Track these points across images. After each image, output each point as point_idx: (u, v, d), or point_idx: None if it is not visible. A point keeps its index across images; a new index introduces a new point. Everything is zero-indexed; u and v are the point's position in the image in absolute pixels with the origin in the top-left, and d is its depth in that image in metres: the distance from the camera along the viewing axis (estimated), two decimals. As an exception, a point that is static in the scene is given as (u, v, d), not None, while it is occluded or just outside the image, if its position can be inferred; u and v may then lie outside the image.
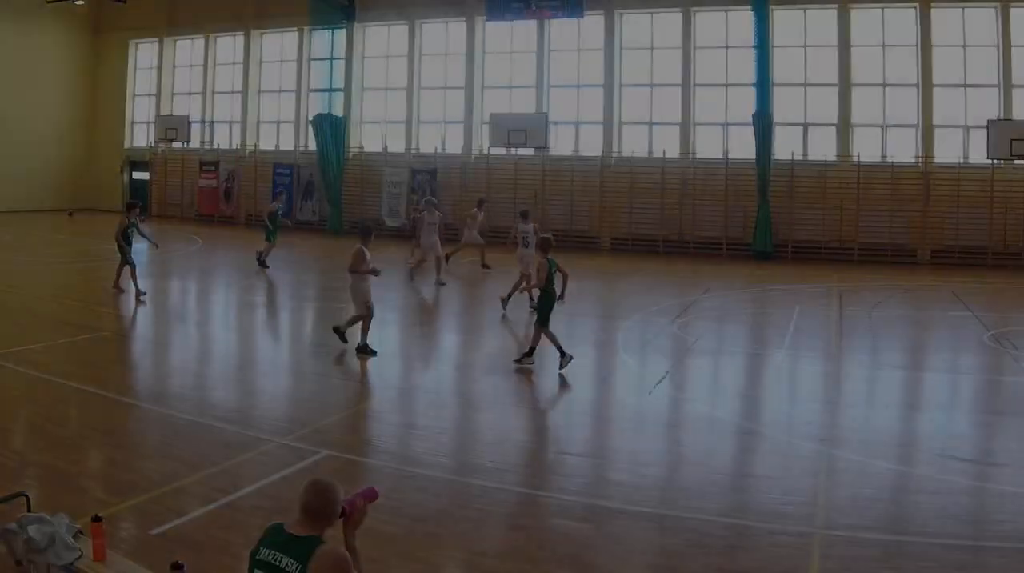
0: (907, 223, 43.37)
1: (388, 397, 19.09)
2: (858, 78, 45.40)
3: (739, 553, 11.39)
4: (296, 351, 24.06)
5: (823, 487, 13.60)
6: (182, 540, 11.14)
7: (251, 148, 59.02)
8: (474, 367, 22.19)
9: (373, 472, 14.02)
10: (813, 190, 45.04)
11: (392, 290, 31.31)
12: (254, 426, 16.06)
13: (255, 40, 59.39)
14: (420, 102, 54.60)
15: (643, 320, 27.68)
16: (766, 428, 16.86)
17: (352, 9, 54.70)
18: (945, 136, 44.42)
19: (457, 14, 52.58)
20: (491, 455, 15.08)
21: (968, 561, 11.12)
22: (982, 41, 43.71)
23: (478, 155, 51.89)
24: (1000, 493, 13.57)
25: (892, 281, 35.87)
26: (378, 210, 53.15)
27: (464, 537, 11.74)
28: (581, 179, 49.05)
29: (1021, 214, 41.72)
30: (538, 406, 18.89)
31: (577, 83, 50.78)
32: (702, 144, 48.06)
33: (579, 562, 11.07)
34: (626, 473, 14.36)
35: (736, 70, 47.20)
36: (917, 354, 24.82)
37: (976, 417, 18.10)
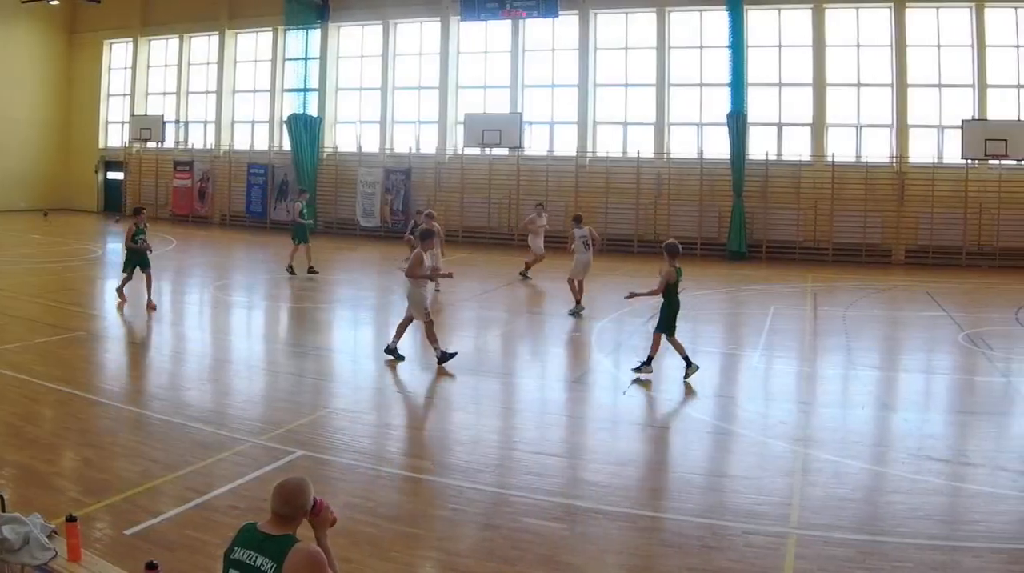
0: (881, 223, 43.56)
1: (362, 397, 19.05)
2: (832, 78, 45.67)
3: (714, 553, 11.37)
4: (271, 351, 23.99)
5: (798, 487, 13.61)
6: (156, 540, 11.11)
7: (225, 148, 59.14)
8: (449, 366, 22.15)
9: (347, 472, 13.98)
10: (787, 190, 45.27)
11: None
12: (228, 426, 16.01)
13: (229, 40, 59.44)
14: (394, 102, 54.71)
15: (617, 320, 27.70)
16: (741, 428, 16.86)
17: (326, 9, 54.84)
18: (919, 136, 44.63)
19: (431, 14, 52.72)
20: (465, 455, 15.05)
21: (942, 561, 11.11)
22: (956, 41, 43.95)
23: (452, 155, 52.01)
24: (974, 493, 13.58)
25: (866, 281, 35.96)
26: (353, 210, 53.10)
27: (438, 537, 11.72)
28: (555, 179, 49.21)
29: (995, 214, 41.92)
30: (512, 406, 18.85)
31: (551, 83, 51.01)
32: (677, 144, 48.36)
33: (553, 562, 11.05)
34: (600, 473, 14.33)
35: (710, 70, 47.44)
36: (891, 354, 24.85)
37: (950, 417, 18.14)
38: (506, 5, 49.49)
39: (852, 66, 45.66)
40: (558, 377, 21.51)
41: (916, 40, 44.50)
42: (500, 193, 49.89)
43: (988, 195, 42.40)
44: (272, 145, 57.79)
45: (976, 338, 24.98)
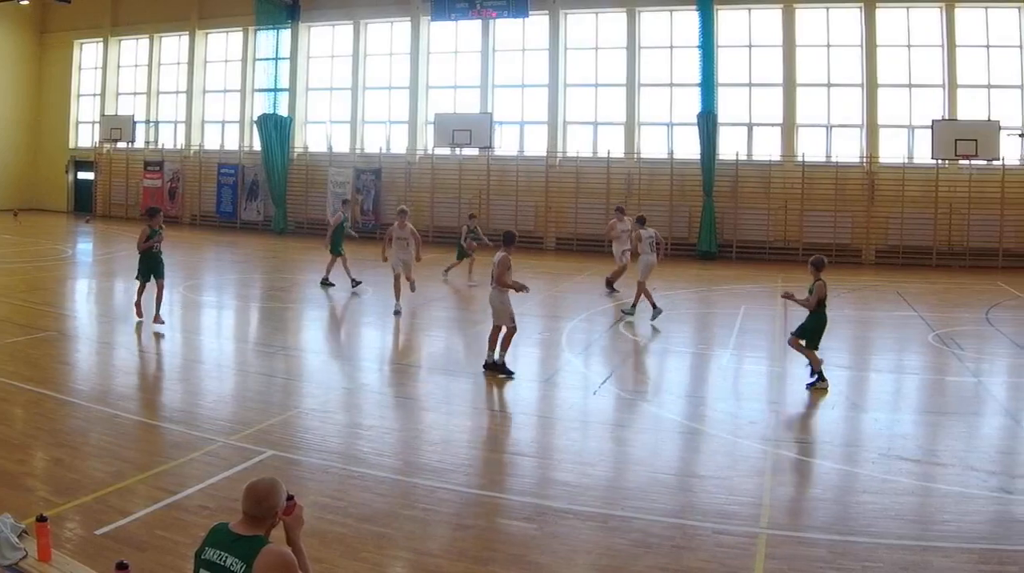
0: (851, 223, 43.76)
1: (332, 397, 19.02)
2: (803, 78, 45.94)
3: (684, 553, 11.38)
4: (241, 351, 23.94)
5: (768, 487, 13.62)
6: (127, 540, 11.08)
7: (195, 148, 59.11)
8: (421, 367, 22.16)
9: (318, 472, 13.95)
10: (758, 190, 45.48)
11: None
12: (199, 426, 15.98)
13: (200, 40, 59.42)
14: (365, 102, 54.81)
15: (588, 320, 27.74)
16: (711, 428, 16.85)
17: (297, 9, 54.84)
18: (889, 136, 44.84)
19: (402, 14, 52.78)
20: (436, 455, 15.05)
21: (913, 561, 11.13)
22: (926, 41, 44.19)
23: (423, 155, 52.14)
24: (945, 493, 13.60)
25: (837, 281, 35.88)
26: (323, 210, 53.04)
27: (410, 537, 11.70)
28: (526, 179, 49.36)
29: (965, 214, 42.18)
30: (483, 406, 18.83)
31: (522, 83, 51.16)
32: (647, 144, 48.52)
33: (524, 562, 11.06)
34: (571, 473, 14.33)
35: (681, 70, 47.70)
36: (862, 354, 24.90)
37: (921, 417, 18.19)
38: (476, 5, 49.59)
39: (822, 66, 45.88)
40: (529, 377, 21.45)
41: (886, 40, 44.75)
42: (470, 193, 49.92)
43: (958, 195, 42.60)
44: (242, 145, 57.78)
45: (946, 338, 25.06)
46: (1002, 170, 42.34)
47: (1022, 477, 14.47)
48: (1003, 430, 17.34)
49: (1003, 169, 42.34)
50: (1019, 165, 43.08)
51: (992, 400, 19.05)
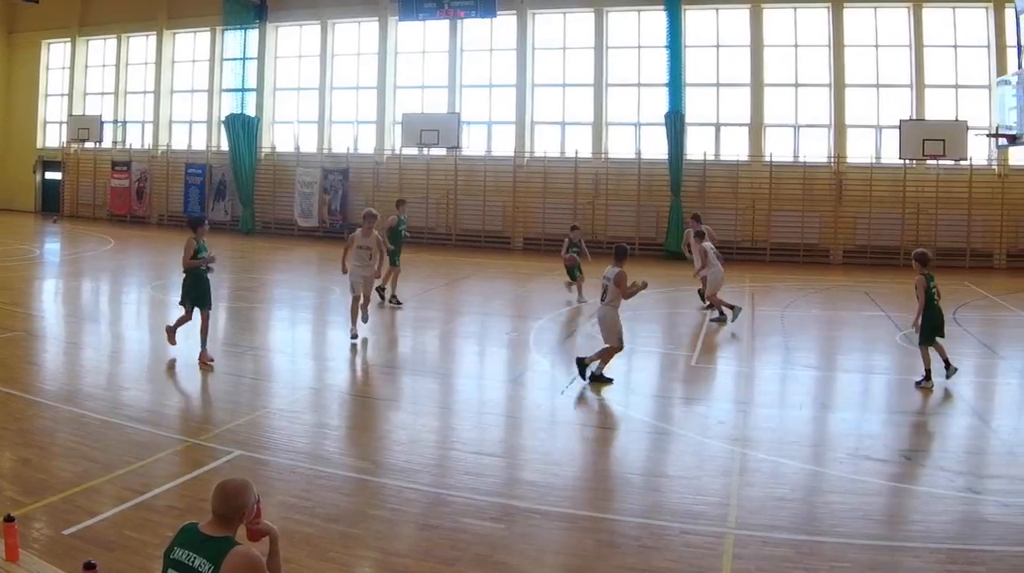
0: (819, 223, 43.87)
1: (300, 397, 19.00)
2: (770, 78, 46.02)
3: (652, 553, 11.40)
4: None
5: (736, 487, 13.64)
6: (95, 540, 11.06)
7: (163, 148, 58.92)
8: (389, 368, 22.16)
9: (285, 472, 13.95)
10: (725, 190, 45.56)
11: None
12: (167, 426, 16.00)
13: (167, 40, 59.20)
14: (332, 102, 54.80)
15: (555, 319, 27.76)
16: (679, 428, 16.91)
17: (264, 9, 54.70)
18: (857, 136, 44.97)
19: (369, 14, 52.74)
20: (404, 455, 15.04)
21: (881, 561, 11.18)
22: (894, 41, 44.33)
23: (390, 155, 52.10)
24: (912, 493, 13.67)
25: (804, 281, 36.09)
26: (291, 210, 53.12)
27: (377, 537, 11.72)
28: (493, 179, 49.40)
29: (933, 214, 42.29)
30: (451, 406, 18.80)
31: (489, 83, 51.19)
32: (614, 144, 48.56)
33: (491, 562, 11.07)
34: (539, 473, 14.35)
35: (648, 70, 47.66)
36: (830, 354, 24.96)
37: (888, 417, 18.20)
38: (444, 5, 49.55)
39: (790, 66, 46.01)
40: (496, 377, 21.54)
41: (854, 40, 44.89)
42: (438, 193, 49.92)
43: (926, 195, 42.74)
44: (210, 145, 57.67)
45: (914, 338, 25.07)
46: (970, 170, 42.47)
47: (990, 477, 14.52)
48: (970, 430, 17.43)
49: (971, 169, 42.47)
50: (987, 165, 43.19)
51: (960, 400, 19.09)
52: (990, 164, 43.24)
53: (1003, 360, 23.03)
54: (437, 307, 30.64)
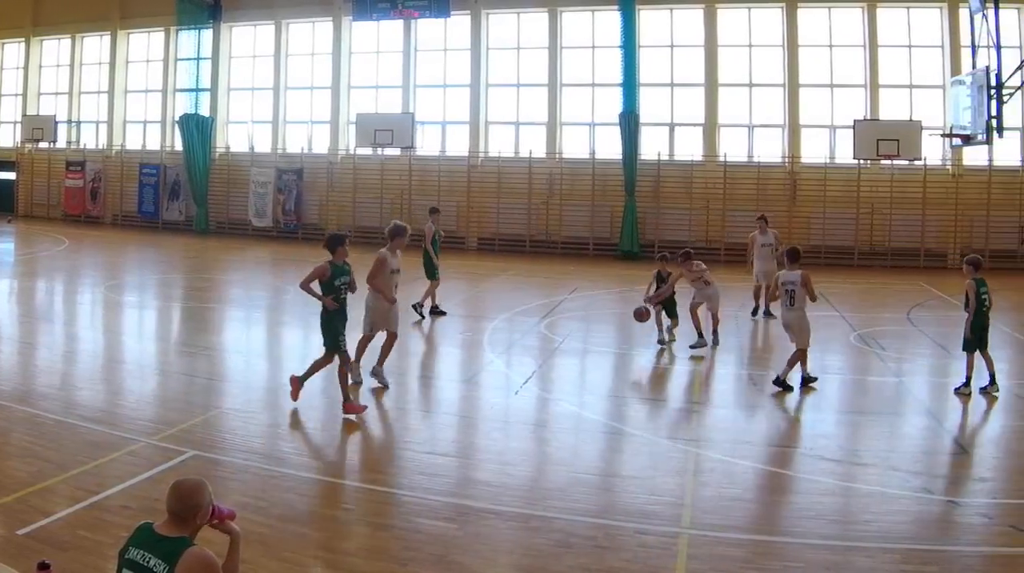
0: (774, 223, 43.86)
1: (254, 397, 18.98)
2: (725, 78, 46.15)
3: (606, 553, 11.41)
4: (163, 351, 23.80)
5: (690, 487, 13.66)
6: (49, 540, 11.01)
7: (117, 148, 58.66)
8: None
9: (240, 472, 13.93)
10: (679, 190, 45.71)
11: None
12: (121, 426, 15.89)
13: (121, 40, 58.97)
14: (286, 102, 54.71)
15: (510, 319, 27.77)
16: (633, 428, 16.89)
17: (218, 9, 54.58)
18: (811, 136, 45.20)
19: (323, 14, 52.66)
20: (358, 455, 15.06)
21: (835, 561, 11.20)
22: (849, 41, 44.58)
23: (344, 155, 52.02)
24: (866, 493, 13.68)
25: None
26: (245, 210, 53.17)
27: (331, 537, 11.72)
28: (448, 179, 49.40)
29: (887, 214, 42.53)
30: (404, 406, 18.78)
31: (444, 83, 51.19)
32: (569, 144, 48.62)
33: (445, 562, 11.07)
34: (493, 473, 14.36)
35: (603, 70, 47.81)
36: (784, 354, 24.95)
37: (842, 417, 18.35)
38: (398, 5, 49.53)
39: (744, 66, 46.22)
40: (450, 377, 21.55)
41: (808, 40, 45.10)
42: (392, 193, 49.83)
43: (880, 195, 42.97)
44: (164, 145, 57.37)
45: (868, 338, 25.23)
46: (924, 170, 42.69)
47: (944, 477, 14.65)
48: (925, 430, 17.48)
49: (925, 169, 42.69)
50: (941, 165, 43.46)
51: (914, 400, 19.18)
52: (944, 164, 43.52)
53: (957, 360, 23.08)
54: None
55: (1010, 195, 42.55)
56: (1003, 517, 12.61)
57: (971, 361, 19.42)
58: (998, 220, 42.30)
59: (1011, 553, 11.48)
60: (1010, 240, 41.81)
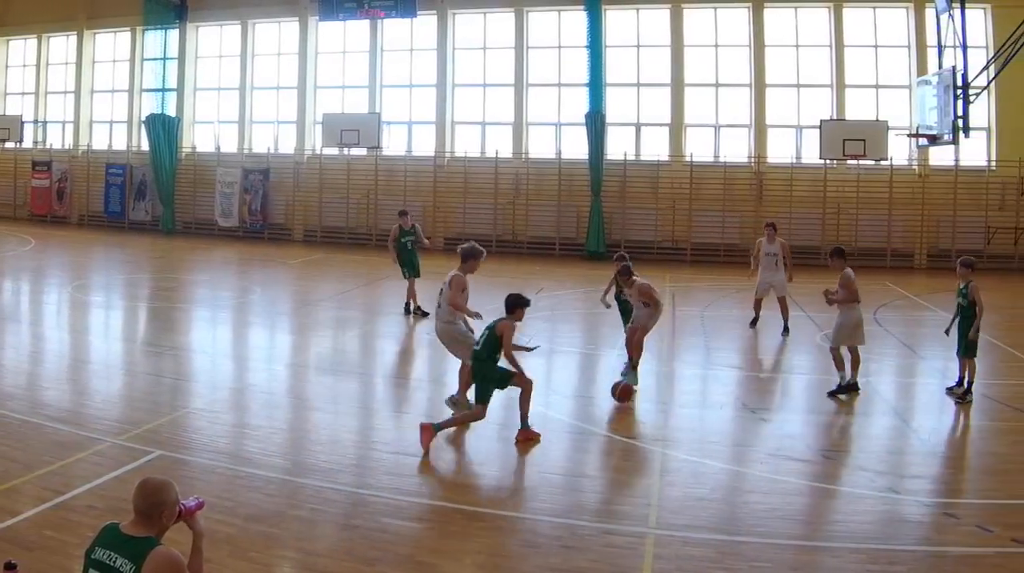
0: (739, 223, 43.99)
1: (220, 397, 18.97)
2: (691, 78, 46.15)
3: (573, 553, 11.45)
4: (129, 351, 23.80)
5: (656, 487, 13.72)
6: (15, 540, 11.02)
7: (84, 148, 58.35)
8: (309, 367, 22.14)
9: (206, 472, 13.93)
10: (646, 190, 45.73)
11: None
12: (87, 426, 15.86)
13: (88, 40, 58.66)
14: (253, 102, 54.56)
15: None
16: (599, 428, 16.95)
17: (184, 9, 54.32)
18: (778, 136, 45.28)
19: (290, 14, 52.48)
20: (324, 455, 15.05)
21: (802, 561, 11.32)
22: (815, 41, 44.68)
23: (311, 155, 51.85)
24: (833, 493, 13.82)
25: (725, 281, 36.21)
26: (212, 210, 53.05)
27: (297, 537, 11.72)
28: (414, 179, 49.28)
29: (853, 214, 42.62)
30: (371, 407, 18.81)
31: (410, 83, 51.06)
32: (535, 144, 48.59)
33: (412, 562, 11.12)
34: (460, 473, 14.57)
35: (569, 70, 47.71)
36: (750, 354, 25.06)
37: (809, 417, 18.37)
38: (364, 5, 49.41)
39: (710, 66, 46.21)
40: (417, 377, 21.61)
41: (774, 40, 45.20)
42: (358, 193, 49.74)
43: (846, 195, 43.13)
44: (130, 145, 57.15)
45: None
46: (890, 170, 42.80)
47: (910, 477, 14.67)
48: (891, 430, 17.58)
49: (891, 169, 42.81)
50: (907, 165, 43.55)
51: (880, 400, 19.20)
52: (910, 164, 43.61)
53: (923, 360, 23.19)
54: (357, 307, 30.64)
55: (976, 195, 42.67)
56: (970, 517, 12.67)
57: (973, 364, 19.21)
58: (964, 220, 42.43)
59: (978, 553, 11.53)
60: (976, 240, 41.79)
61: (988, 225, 42.14)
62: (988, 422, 18.10)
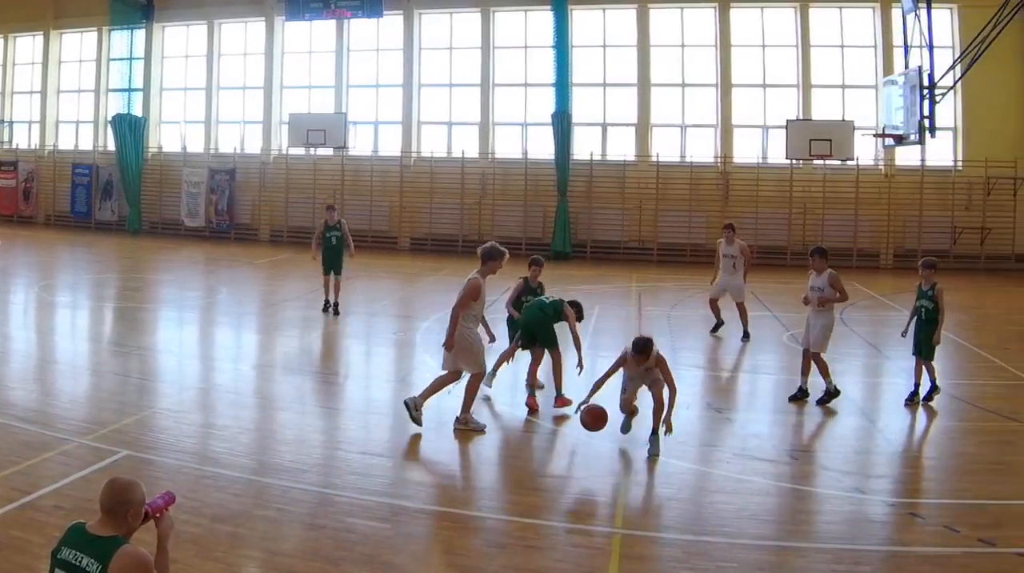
0: (706, 223, 44.01)
1: (187, 397, 18.92)
2: (657, 78, 46.27)
3: (538, 553, 11.50)
4: (96, 351, 23.75)
5: (622, 487, 13.80)
6: (-19, 540, 10.97)
7: (50, 148, 58.23)
8: (275, 367, 22.11)
9: (172, 472, 13.89)
10: (612, 190, 45.84)
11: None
12: (53, 426, 15.80)
13: (54, 40, 58.47)
14: (219, 102, 54.46)
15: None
16: (565, 427, 16.92)
17: (151, 9, 54.23)
18: (744, 136, 45.46)
19: (256, 14, 52.45)
20: (290, 455, 15.04)
21: (768, 561, 11.35)
22: (781, 41, 44.88)
23: (277, 155, 51.80)
24: (799, 493, 13.87)
25: (691, 281, 36.24)
26: (178, 210, 53.00)
27: (263, 537, 11.71)
28: (380, 179, 49.32)
29: (820, 214, 42.82)
30: (337, 406, 18.76)
31: (376, 83, 51.10)
32: (501, 144, 48.68)
33: (378, 562, 11.10)
34: (425, 473, 14.59)
35: (535, 70, 47.82)
36: (716, 354, 25.07)
37: (775, 417, 18.45)
38: (330, 5, 49.34)
39: (677, 66, 46.34)
40: (383, 377, 21.57)
41: (740, 40, 45.35)
42: (325, 193, 49.29)
43: (812, 195, 43.27)
44: (97, 145, 56.97)
45: (800, 338, 25.34)
46: (856, 170, 43.00)
47: (876, 477, 14.78)
48: (857, 430, 17.62)
49: (857, 169, 43.00)
50: (873, 165, 43.76)
51: (846, 400, 19.15)
52: (877, 164, 43.84)
53: (889, 360, 23.27)
54: (318, 306, 30.63)
55: (942, 195, 42.89)
56: (936, 517, 12.72)
57: (932, 367, 19.12)
58: (931, 220, 42.68)
59: (944, 553, 11.55)
60: (943, 240, 42.01)
61: (954, 225, 42.40)
62: (955, 422, 18.17)
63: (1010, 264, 42.14)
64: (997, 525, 12.38)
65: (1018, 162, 41.63)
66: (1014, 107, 42.33)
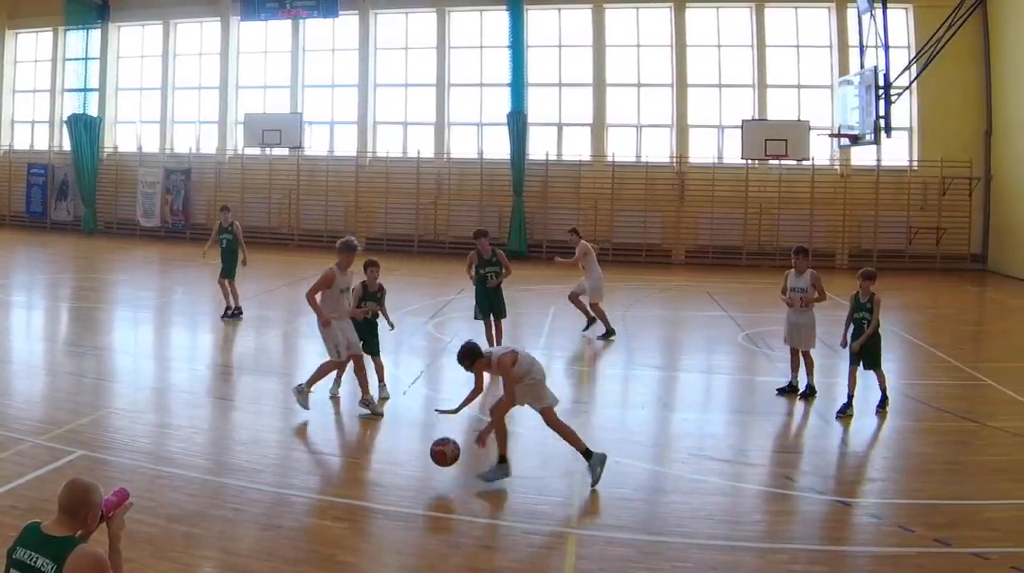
0: (661, 223, 44.29)
1: (142, 397, 18.88)
2: (613, 78, 46.42)
3: (494, 553, 11.56)
4: (51, 351, 23.72)
5: (578, 487, 13.75)
6: (-64, 540, 10.86)
7: (5, 148, 57.87)
8: (231, 367, 22.12)
9: (128, 472, 13.79)
10: (568, 190, 45.98)
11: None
12: (7, 426, 15.71)
13: (9, 39, 58.13)
14: (174, 102, 54.27)
15: (398, 320, 27.59)
16: (520, 428, 16.72)
17: (106, 9, 53.98)
18: (699, 136, 45.58)
19: (211, 14, 52.32)
20: (246, 455, 15.04)
21: (723, 561, 11.36)
22: (737, 41, 45.04)
23: (232, 155, 51.76)
24: (754, 493, 13.92)
25: (647, 281, 36.30)
26: (134, 210, 52.90)
27: (219, 537, 11.70)
28: (336, 179, 49.38)
29: (775, 214, 42.95)
30: (293, 406, 18.67)
31: (332, 83, 51.10)
32: (456, 144, 48.77)
33: (334, 562, 11.10)
34: (381, 473, 14.54)
35: (491, 70, 47.87)
36: (672, 354, 25.13)
37: (730, 417, 18.59)
38: (286, 5, 49.29)
39: (632, 66, 46.50)
40: (343, 377, 21.55)
41: (696, 40, 45.50)
42: (280, 193, 49.76)
43: (768, 195, 43.48)
44: (52, 145, 56.80)
45: (756, 338, 25.37)
46: (812, 170, 43.18)
47: (832, 477, 14.91)
48: (813, 430, 17.82)
49: (813, 169, 43.19)
50: (829, 165, 43.96)
51: (801, 400, 19.28)
52: (832, 164, 44.08)
53: (844, 360, 23.26)
54: (279, 307, 30.57)
55: (898, 195, 43.14)
56: (892, 517, 12.77)
57: (882, 374, 18.93)
58: (886, 220, 42.93)
59: (899, 553, 11.62)
60: (898, 240, 42.38)
61: (910, 225, 42.67)
62: (910, 422, 18.21)
63: (965, 264, 42.43)
64: (952, 525, 12.42)
65: (973, 162, 42.00)
66: (969, 107, 42.58)
